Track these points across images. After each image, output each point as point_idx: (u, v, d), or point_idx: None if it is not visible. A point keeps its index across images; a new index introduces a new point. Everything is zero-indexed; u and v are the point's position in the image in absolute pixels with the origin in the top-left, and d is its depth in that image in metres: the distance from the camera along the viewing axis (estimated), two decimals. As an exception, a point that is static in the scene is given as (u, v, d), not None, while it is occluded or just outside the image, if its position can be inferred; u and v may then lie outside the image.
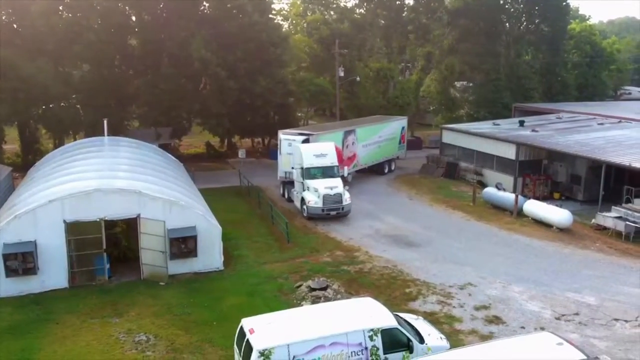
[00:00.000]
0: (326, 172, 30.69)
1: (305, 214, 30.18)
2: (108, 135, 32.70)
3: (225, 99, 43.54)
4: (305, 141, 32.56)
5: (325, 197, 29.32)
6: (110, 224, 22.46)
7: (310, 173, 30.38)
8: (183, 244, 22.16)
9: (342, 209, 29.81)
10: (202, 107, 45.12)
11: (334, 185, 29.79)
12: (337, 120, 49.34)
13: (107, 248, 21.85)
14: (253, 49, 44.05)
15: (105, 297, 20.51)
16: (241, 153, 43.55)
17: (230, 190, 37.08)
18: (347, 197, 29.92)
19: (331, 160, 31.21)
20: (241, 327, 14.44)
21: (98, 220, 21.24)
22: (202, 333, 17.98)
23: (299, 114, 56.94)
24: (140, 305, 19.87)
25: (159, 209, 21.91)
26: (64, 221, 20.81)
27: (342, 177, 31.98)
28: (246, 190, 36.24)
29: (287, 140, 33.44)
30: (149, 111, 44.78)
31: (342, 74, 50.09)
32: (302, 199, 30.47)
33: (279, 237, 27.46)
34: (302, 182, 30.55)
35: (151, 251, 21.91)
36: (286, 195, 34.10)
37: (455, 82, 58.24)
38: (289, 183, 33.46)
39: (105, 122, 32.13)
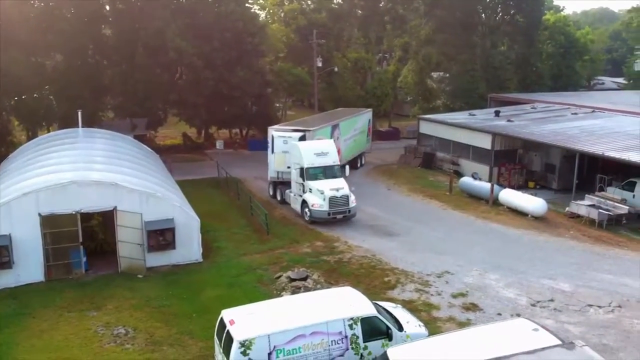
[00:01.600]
0: (328, 172, 28.46)
1: (307, 218, 27.88)
2: (82, 126, 32.21)
3: (202, 89, 43.18)
4: (302, 138, 30.55)
5: (332, 200, 27.11)
6: (87, 217, 22.16)
7: (311, 173, 28.05)
8: (161, 236, 22.00)
9: (349, 211, 27.70)
10: (178, 98, 44.69)
11: (340, 186, 27.60)
12: (316, 112, 49.35)
13: (83, 241, 21.58)
14: (230, 39, 43.71)
15: (83, 291, 20.27)
16: (219, 144, 43.45)
17: (208, 181, 36.87)
18: (353, 199, 27.86)
19: (333, 159, 28.90)
20: (221, 319, 14.43)
21: (74, 213, 20.94)
22: (181, 325, 17.92)
23: (277, 105, 56.75)
24: (118, 298, 19.69)
25: (136, 201, 21.70)
26: (39, 214, 20.47)
27: None
28: (224, 182, 36.06)
29: (282, 137, 30.98)
30: (124, 102, 44.20)
31: (320, 64, 50.08)
32: (304, 202, 28.09)
33: (258, 229, 27.44)
34: (302, 184, 28.15)
35: (128, 244, 21.70)
36: (278, 197, 31.75)
37: (432, 73, 58.63)
38: (281, 184, 31.38)
39: (79, 113, 31.65)
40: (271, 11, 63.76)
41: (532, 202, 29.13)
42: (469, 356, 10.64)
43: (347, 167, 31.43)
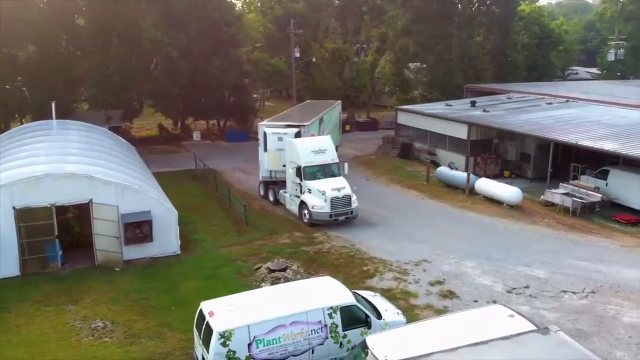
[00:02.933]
0: (327, 170, 26.83)
1: (306, 220, 26.32)
2: (56, 118, 31.67)
3: (178, 79, 42.69)
4: (297, 135, 28.43)
5: (333, 201, 25.61)
6: (62, 210, 21.84)
7: (309, 173, 26.41)
8: (138, 228, 21.81)
9: (352, 212, 26.26)
10: (154, 89, 44.14)
11: (341, 185, 26.16)
12: (294, 102, 49.16)
13: (59, 234, 21.26)
14: (206, 29, 43.24)
15: (59, 284, 20.02)
16: (196, 135, 43.05)
17: (185, 173, 36.57)
18: (354, 199, 26.49)
19: (331, 156, 27.22)
20: (200, 311, 14.40)
21: (49, 206, 20.63)
22: (160, 318, 17.84)
23: (255, 95, 56.43)
24: (95, 292, 19.50)
25: (112, 193, 21.45)
26: (14, 208, 20.13)
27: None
28: (202, 174, 35.81)
29: (276, 134, 28.66)
30: (99, 93, 43.43)
31: (297, 54, 49.85)
32: (302, 203, 26.49)
33: (237, 220, 27.36)
34: (300, 184, 26.55)
35: (105, 237, 21.47)
36: (271, 198, 30.01)
37: (409, 64, 58.83)
38: (274, 183, 29.69)
39: (53, 105, 31.10)
40: (247, 0, 63.22)
41: (507, 191, 29.58)
42: (446, 342, 10.81)
43: (346, 164, 29.03)
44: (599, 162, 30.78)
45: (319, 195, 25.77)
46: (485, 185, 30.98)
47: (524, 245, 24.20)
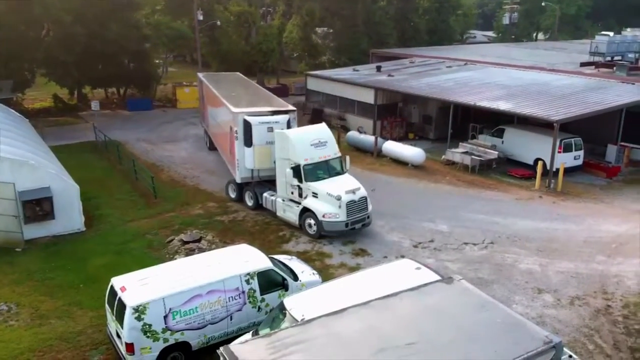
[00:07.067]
0: (330, 167, 22.00)
1: (312, 232, 21.31)
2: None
3: (73, 46, 39.86)
4: (288, 123, 23.20)
5: (349, 206, 20.77)
6: (-52, 190, 20.10)
7: (311, 172, 21.41)
8: (38, 206, 20.59)
9: (368, 217, 21.71)
10: (47, 56, 40.95)
11: (355, 186, 21.37)
12: (200, 68, 47.64)
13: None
14: (101, -9, 40.49)
15: (-48, 270, 18.60)
16: (94, 105, 40.58)
17: (85, 146, 34.66)
18: (369, 201, 22.00)
19: (333, 149, 22.25)
20: (111, 287, 13.99)
21: None
22: (68, 297, 17.16)
23: (157, 61, 54.03)
24: (-5, 275, 18.33)
25: (7, 170, 20.03)
26: None
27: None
28: (103, 146, 34.08)
29: (264, 123, 22.68)
30: (-16, 63, 39.69)
31: (201, 17, 48.02)
32: (305, 211, 21.47)
33: (144, 193, 26.47)
34: (299, 186, 21.54)
35: (2, 216, 20.10)
36: (249, 202, 24.41)
37: (317, 29, 58.70)
38: (250, 184, 24.21)
39: None
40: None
41: (411, 152, 30.87)
42: (359, 298, 11.29)
43: (348, 157, 23.62)
44: (496, 121, 32.72)
45: (331, 201, 20.74)
46: (392, 147, 32.08)
47: (429, 202, 25.45)
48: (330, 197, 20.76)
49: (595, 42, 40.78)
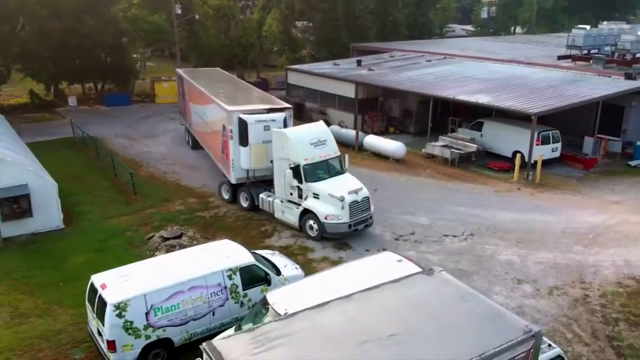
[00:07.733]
0: (330, 167, 21.40)
1: (313, 234, 20.77)
2: None
3: (48, 41, 39.22)
4: (285, 121, 22.67)
5: (352, 207, 20.25)
6: None
7: (312, 172, 20.78)
8: (15, 204, 20.27)
9: (370, 217, 21.21)
10: (22, 51, 40.22)
11: (357, 186, 20.92)
12: (178, 63, 47.18)
13: None
14: (76, -16, 39.83)
15: None
16: (71, 101, 40.10)
17: (63, 142, 34.14)
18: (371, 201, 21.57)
19: (333, 148, 21.69)
20: (92, 284, 13.87)
21: None
22: (48, 295, 16.96)
23: (135, 56, 53.36)
24: (-29, 274, 18.02)
25: (-18, 167, 19.66)
26: None
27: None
28: (81, 142, 33.66)
29: (261, 121, 22.13)
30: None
31: (179, 11, 47.54)
32: (306, 212, 20.91)
33: (124, 190, 26.20)
34: (299, 187, 20.95)
35: (-23, 215, 19.74)
36: (244, 203, 23.68)
37: (296, 22, 58.47)
38: (252, 184, 23.44)
39: None
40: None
41: (392, 146, 31.00)
42: (341, 291, 11.33)
43: (347, 156, 22.97)
44: (475, 115, 33.02)
45: (333, 202, 20.19)
46: (373, 141, 32.19)
47: (409, 195, 25.63)
48: (332, 199, 20.17)
49: (572, 36, 41.29)
